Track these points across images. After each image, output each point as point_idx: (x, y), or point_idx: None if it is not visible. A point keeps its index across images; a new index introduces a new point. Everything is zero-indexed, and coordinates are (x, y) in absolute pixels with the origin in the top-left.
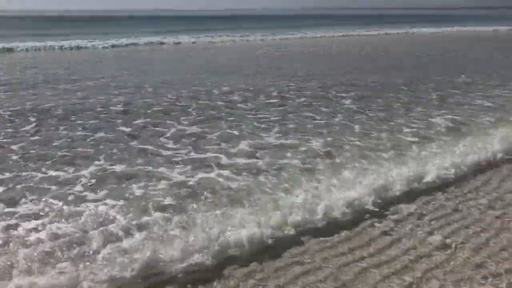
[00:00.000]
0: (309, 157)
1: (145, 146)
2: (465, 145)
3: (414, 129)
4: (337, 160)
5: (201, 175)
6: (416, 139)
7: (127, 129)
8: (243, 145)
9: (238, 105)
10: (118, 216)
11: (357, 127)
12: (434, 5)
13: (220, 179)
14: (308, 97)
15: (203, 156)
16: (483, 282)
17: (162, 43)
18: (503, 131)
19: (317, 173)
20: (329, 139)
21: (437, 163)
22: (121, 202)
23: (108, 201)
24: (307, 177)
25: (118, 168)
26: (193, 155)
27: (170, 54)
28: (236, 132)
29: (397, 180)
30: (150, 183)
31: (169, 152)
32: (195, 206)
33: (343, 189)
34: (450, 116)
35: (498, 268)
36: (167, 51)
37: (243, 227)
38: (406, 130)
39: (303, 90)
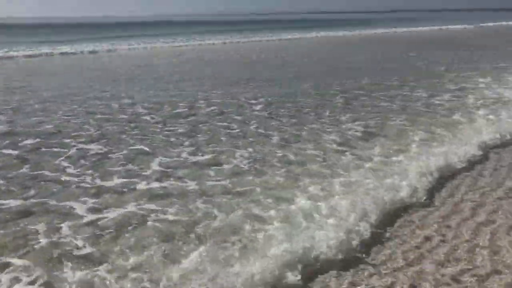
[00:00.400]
0: (235, 174)
1: (40, 172)
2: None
3: (332, 136)
4: (267, 178)
5: (116, 209)
6: (340, 147)
7: (14, 152)
8: (155, 165)
9: (143, 117)
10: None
11: (275, 136)
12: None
13: (141, 212)
14: (218, 105)
15: (111, 183)
16: None
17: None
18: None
19: (249, 195)
20: (250, 150)
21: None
22: (14, 258)
23: None
24: (242, 202)
25: (7, 203)
26: (99, 182)
27: (60, 66)
28: (144, 149)
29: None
30: (53, 224)
31: (70, 178)
32: (119, 251)
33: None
34: (363, 122)
35: None
36: (54, 63)
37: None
38: (326, 137)
39: (211, 98)
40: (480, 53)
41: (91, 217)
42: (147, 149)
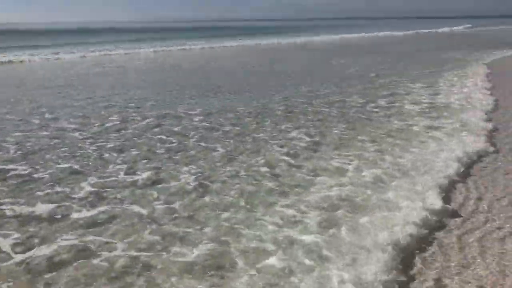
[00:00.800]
0: (182, 194)
1: None
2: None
3: (278, 146)
4: (219, 198)
5: (48, 244)
6: (288, 158)
7: None
8: (88, 186)
9: (69, 133)
10: None
11: (219, 149)
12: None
13: (80, 245)
14: (153, 117)
15: (39, 209)
16: None
17: None
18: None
19: (204, 219)
20: (194, 166)
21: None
22: None
23: None
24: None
25: None
26: (24, 209)
27: None
28: (74, 167)
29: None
30: None
31: None
32: None
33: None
34: (305, 129)
35: None
36: None
37: None
38: (272, 148)
39: (145, 110)
40: (409, 59)
41: (19, 256)
42: (77, 168)
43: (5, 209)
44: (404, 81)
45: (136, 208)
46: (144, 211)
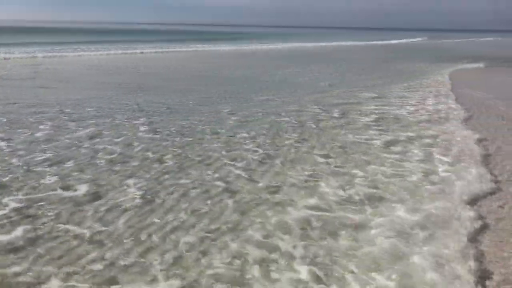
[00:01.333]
0: (124, 212)
1: None
2: None
3: (229, 159)
4: (168, 218)
5: None
6: (242, 173)
7: None
8: (14, 202)
9: None
10: None
11: (169, 160)
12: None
13: (4, 272)
14: (91, 125)
15: None
16: None
17: None
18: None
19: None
20: (137, 180)
21: None
22: None
23: None
24: None
25: None
26: None
27: None
28: None
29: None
30: None
31: None
32: None
33: None
34: (259, 140)
35: None
36: None
37: None
38: (224, 160)
39: (82, 118)
40: (362, 69)
41: None
42: (1, 180)
43: None
44: (356, 91)
45: (73, 229)
46: (81, 232)
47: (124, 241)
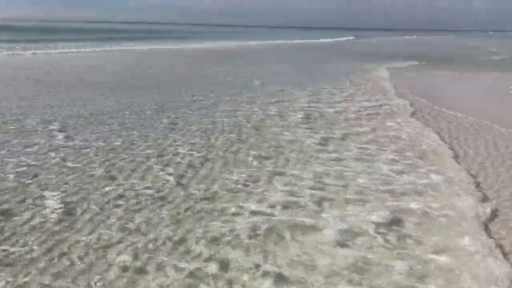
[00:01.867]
0: (44, 232)
1: None
2: None
3: (162, 167)
4: (95, 236)
5: None
6: (176, 181)
7: None
8: None
9: None
10: None
11: (99, 169)
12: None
13: None
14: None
15: None
16: None
17: None
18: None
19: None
20: (58, 193)
21: None
22: None
23: None
24: None
25: None
26: None
27: None
28: None
29: None
30: None
31: None
32: None
33: None
34: (191, 144)
35: None
36: None
37: None
38: (156, 167)
39: None
40: (293, 68)
41: None
42: None
43: None
44: (291, 89)
45: None
46: None
47: (39, 262)
